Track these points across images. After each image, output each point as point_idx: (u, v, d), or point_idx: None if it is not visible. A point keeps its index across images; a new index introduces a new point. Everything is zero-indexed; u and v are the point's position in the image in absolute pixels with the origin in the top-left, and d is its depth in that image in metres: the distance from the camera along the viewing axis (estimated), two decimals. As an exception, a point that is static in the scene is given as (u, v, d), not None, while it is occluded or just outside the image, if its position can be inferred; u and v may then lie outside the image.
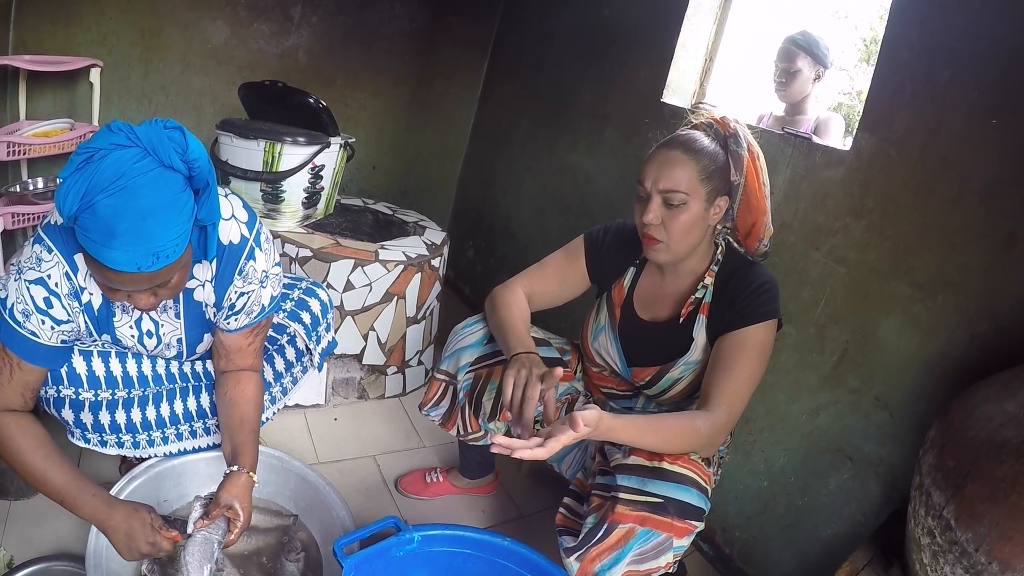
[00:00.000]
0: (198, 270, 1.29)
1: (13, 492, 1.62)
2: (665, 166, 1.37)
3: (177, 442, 1.48)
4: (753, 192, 1.40)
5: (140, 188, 0.98)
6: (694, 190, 1.35)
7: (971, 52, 1.45)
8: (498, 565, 1.37)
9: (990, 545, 0.95)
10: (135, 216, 0.98)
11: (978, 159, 1.42)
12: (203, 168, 1.06)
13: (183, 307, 1.34)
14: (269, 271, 1.36)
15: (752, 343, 1.36)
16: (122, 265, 1.00)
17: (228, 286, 1.32)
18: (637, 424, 1.22)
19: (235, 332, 1.39)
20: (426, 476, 2.05)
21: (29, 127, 2.16)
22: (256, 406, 1.45)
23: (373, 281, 2.27)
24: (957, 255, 1.46)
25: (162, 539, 1.25)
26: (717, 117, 1.44)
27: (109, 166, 0.97)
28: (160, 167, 1.01)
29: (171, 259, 1.05)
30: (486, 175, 3.50)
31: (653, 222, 1.37)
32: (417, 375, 2.62)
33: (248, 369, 1.45)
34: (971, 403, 1.13)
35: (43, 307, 1.16)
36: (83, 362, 1.30)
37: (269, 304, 1.39)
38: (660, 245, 1.40)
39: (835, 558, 1.57)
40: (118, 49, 2.62)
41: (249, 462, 1.37)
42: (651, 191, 1.38)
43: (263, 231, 1.35)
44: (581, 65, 2.78)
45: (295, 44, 3.00)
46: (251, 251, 1.31)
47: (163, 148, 1.00)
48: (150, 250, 1.00)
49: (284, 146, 2.24)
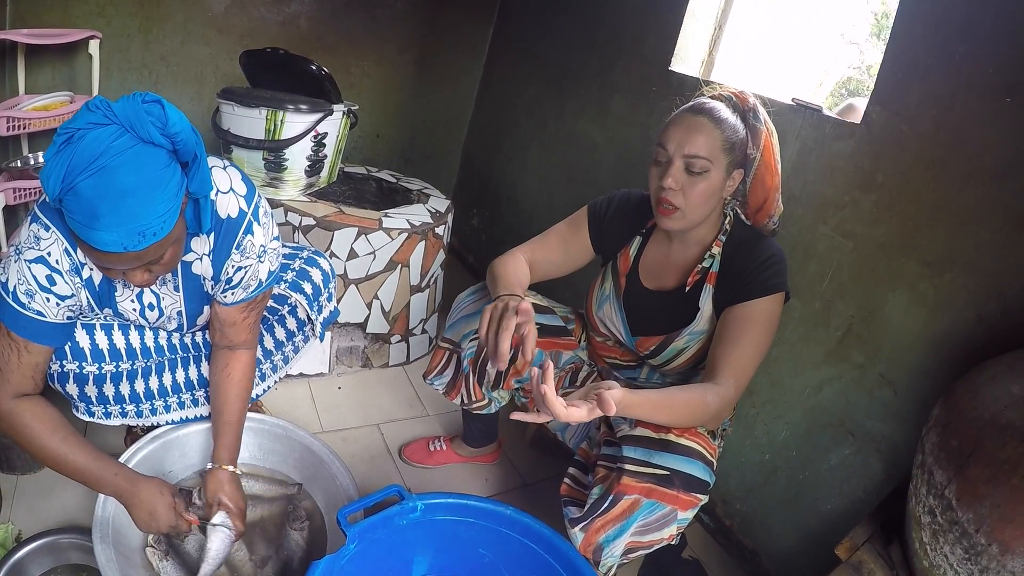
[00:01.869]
0: (196, 243, 1.28)
1: (20, 466, 1.64)
2: (691, 131, 1.35)
3: (180, 410, 1.50)
4: (768, 168, 1.40)
5: (119, 167, 0.96)
6: (716, 159, 1.34)
7: (986, 28, 1.41)
8: (501, 534, 1.38)
9: (991, 526, 0.96)
10: (116, 196, 0.96)
11: (991, 137, 1.40)
12: (187, 140, 1.03)
13: (182, 280, 1.33)
14: (267, 246, 1.35)
15: (760, 316, 1.36)
16: (108, 246, 0.98)
17: (226, 260, 1.31)
18: (652, 401, 1.22)
19: (231, 306, 1.39)
20: (430, 445, 2.07)
21: (29, 101, 2.14)
22: (241, 392, 1.46)
23: (377, 249, 2.27)
24: (966, 233, 1.44)
25: (182, 522, 1.30)
26: (736, 91, 1.43)
27: (87, 147, 0.95)
28: (140, 143, 0.99)
29: (158, 237, 1.02)
30: (491, 143, 3.47)
31: (673, 187, 1.35)
32: (421, 343, 2.63)
33: (241, 346, 1.45)
34: (976, 383, 1.13)
35: (46, 285, 1.16)
36: (86, 336, 1.30)
37: (267, 279, 1.38)
38: (677, 213, 1.38)
39: (835, 533, 1.58)
40: (117, 20, 2.58)
41: (226, 456, 1.41)
42: (674, 155, 1.36)
43: (262, 204, 1.34)
44: (588, 31, 2.73)
45: (297, 11, 2.96)
46: (249, 225, 1.30)
47: (141, 123, 0.98)
48: (135, 229, 0.99)
49: (286, 114, 2.21)
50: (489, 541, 1.39)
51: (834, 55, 2.24)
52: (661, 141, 1.39)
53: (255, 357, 1.51)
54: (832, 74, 2.26)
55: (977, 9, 1.44)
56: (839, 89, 2.27)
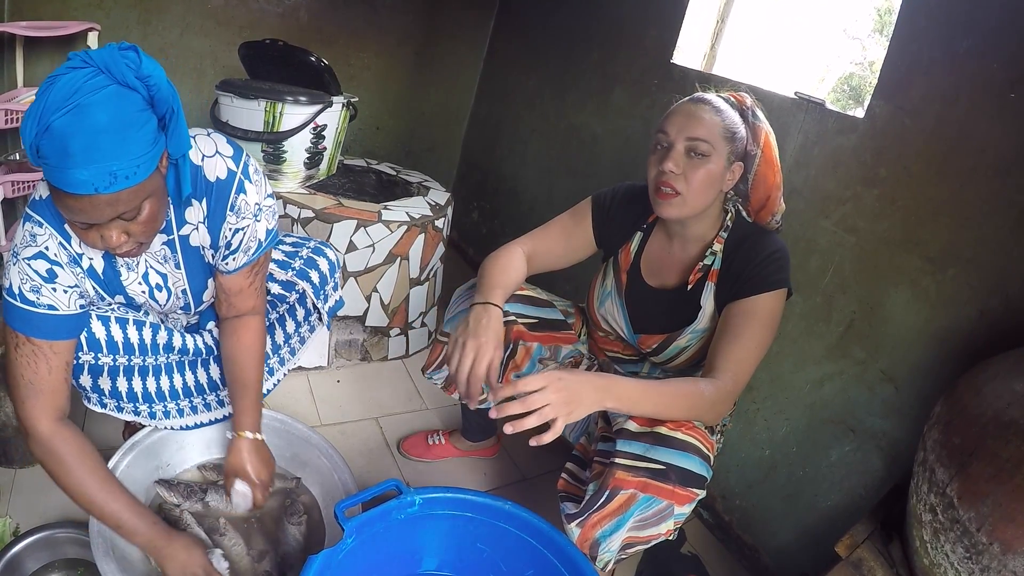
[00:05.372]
0: (189, 213, 1.26)
1: (18, 460, 1.63)
2: (693, 116, 1.35)
3: (192, 415, 1.49)
4: (770, 165, 1.40)
5: (93, 105, 0.94)
6: (718, 145, 1.34)
7: (991, 23, 1.40)
8: (499, 529, 1.38)
9: (992, 525, 0.95)
10: (89, 133, 0.94)
11: (995, 132, 1.39)
12: (162, 89, 1.01)
13: (182, 256, 1.31)
14: (262, 203, 1.31)
15: (761, 312, 1.35)
16: (79, 187, 0.96)
17: (222, 224, 1.28)
18: (641, 386, 1.22)
19: (234, 272, 1.36)
20: (428, 438, 2.06)
21: (27, 94, 2.15)
22: (255, 356, 1.44)
23: (376, 242, 2.26)
24: (969, 229, 1.43)
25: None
26: (734, 93, 1.44)
27: (62, 87, 0.94)
28: (115, 84, 0.97)
29: (131, 182, 0.99)
30: (491, 135, 3.46)
31: (675, 170, 1.34)
32: (420, 337, 2.62)
33: (250, 312, 1.44)
34: (979, 380, 1.12)
35: (48, 277, 1.15)
36: (102, 327, 1.29)
37: (266, 238, 1.35)
38: (676, 199, 1.36)
39: (834, 530, 1.58)
40: (115, 12, 2.57)
41: (248, 422, 1.41)
42: (675, 139, 1.35)
43: (251, 163, 1.31)
44: (589, 22, 2.72)
45: (296, 3, 2.94)
46: (240, 184, 1.27)
47: (116, 65, 0.97)
48: (106, 169, 0.96)
49: (285, 105, 2.20)
50: (487, 536, 1.39)
51: (836, 50, 2.22)
52: (662, 127, 1.38)
53: (264, 321, 1.49)
54: (834, 69, 2.25)
55: (981, 3, 1.43)
56: (841, 85, 2.25)
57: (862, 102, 1.89)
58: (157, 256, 1.29)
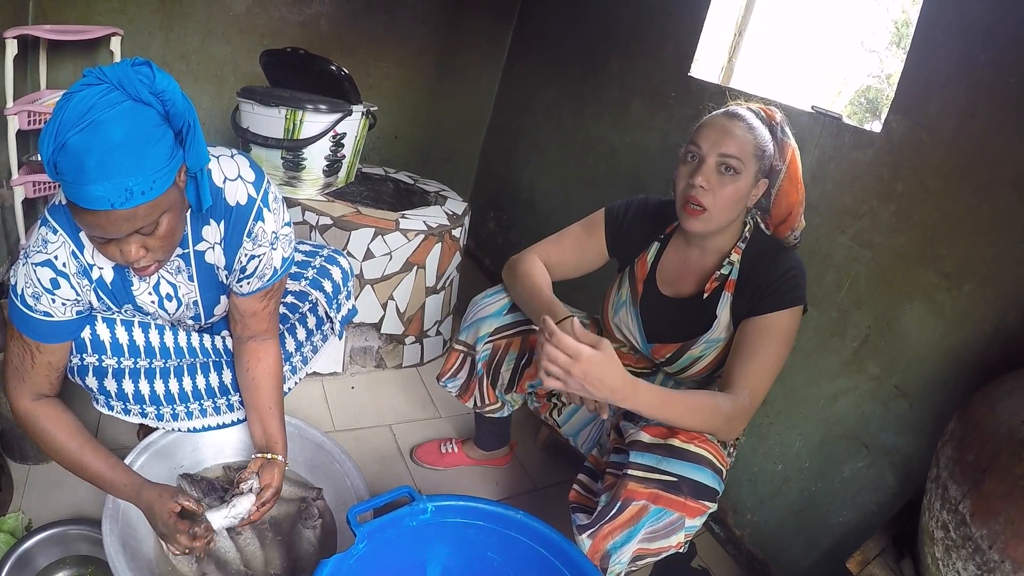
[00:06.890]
0: (207, 231, 1.28)
1: (32, 456, 1.66)
2: (728, 132, 1.36)
3: (201, 418, 1.50)
4: (794, 182, 1.41)
5: (108, 121, 0.96)
6: (748, 163, 1.35)
7: (1009, 36, 1.40)
8: (510, 538, 1.37)
9: (1004, 543, 0.94)
10: (104, 149, 0.95)
11: (1012, 147, 1.38)
12: (177, 103, 1.02)
13: (196, 270, 1.33)
14: (279, 232, 1.33)
15: (778, 329, 1.35)
16: (95, 203, 0.97)
17: (238, 249, 1.30)
18: (662, 392, 1.23)
19: (249, 296, 1.38)
20: (441, 447, 2.07)
21: (50, 96, 2.19)
22: (277, 380, 1.47)
23: (393, 250, 2.27)
24: (986, 245, 1.42)
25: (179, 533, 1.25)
26: (763, 106, 1.45)
27: (77, 104, 0.95)
28: (129, 100, 0.98)
29: (147, 197, 1.00)
30: (509, 145, 3.47)
31: (704, 186, 1.35)
32: (435, 345, 2.63)
33: (264, 335, 1.46)
34: (994, 397, 1.12)
35: (50, 288, 1.17)
36: (107, 329, 1.31)
37: (281, 266, 1.37)
38: (704, 215, 1.37)
39: (846, 546, 1.57)
40: (138, 17, 2.62)
41: (281, 448, 1.45)
42: (707, 154, 1.36)
43: (271, 190, 1.32)
44: (608, 34, 2.73)
45: (317, 12, 2.98)
46: (259, 212, 1.28)
47: (130, 81, 0.98)
48: (122, 185, 0.97)
49: (305, 113, 2.22)
50: (498, 545, 1.39)
51: (853, 63, 2.22)
52: (695, 139, 1.39)
53: (279, 343, 1.52)
54: (851, 82, 2.25)
55: (999, 17, 1.42)
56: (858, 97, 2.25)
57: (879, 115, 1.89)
58: (170, 267, 1.31)
